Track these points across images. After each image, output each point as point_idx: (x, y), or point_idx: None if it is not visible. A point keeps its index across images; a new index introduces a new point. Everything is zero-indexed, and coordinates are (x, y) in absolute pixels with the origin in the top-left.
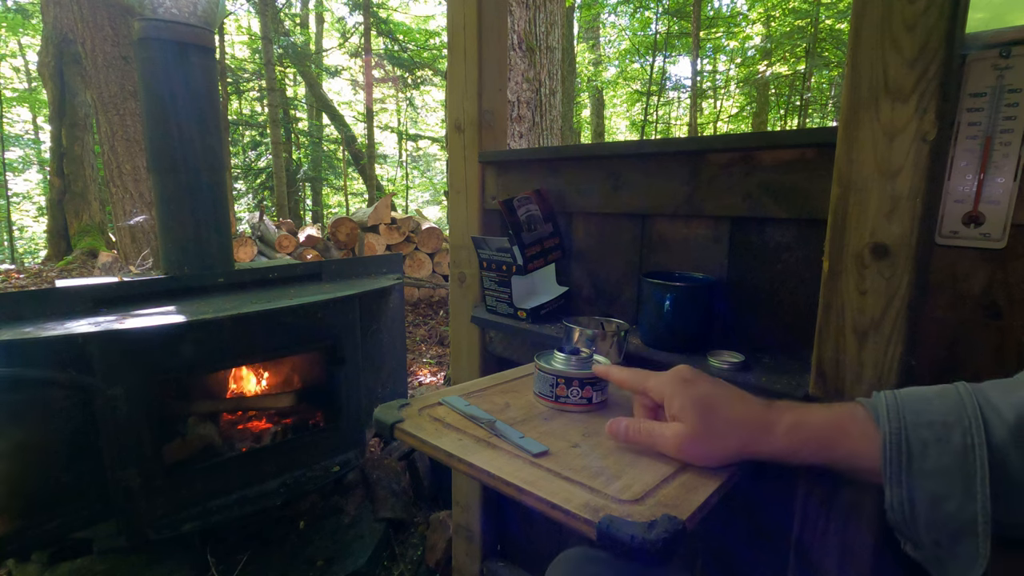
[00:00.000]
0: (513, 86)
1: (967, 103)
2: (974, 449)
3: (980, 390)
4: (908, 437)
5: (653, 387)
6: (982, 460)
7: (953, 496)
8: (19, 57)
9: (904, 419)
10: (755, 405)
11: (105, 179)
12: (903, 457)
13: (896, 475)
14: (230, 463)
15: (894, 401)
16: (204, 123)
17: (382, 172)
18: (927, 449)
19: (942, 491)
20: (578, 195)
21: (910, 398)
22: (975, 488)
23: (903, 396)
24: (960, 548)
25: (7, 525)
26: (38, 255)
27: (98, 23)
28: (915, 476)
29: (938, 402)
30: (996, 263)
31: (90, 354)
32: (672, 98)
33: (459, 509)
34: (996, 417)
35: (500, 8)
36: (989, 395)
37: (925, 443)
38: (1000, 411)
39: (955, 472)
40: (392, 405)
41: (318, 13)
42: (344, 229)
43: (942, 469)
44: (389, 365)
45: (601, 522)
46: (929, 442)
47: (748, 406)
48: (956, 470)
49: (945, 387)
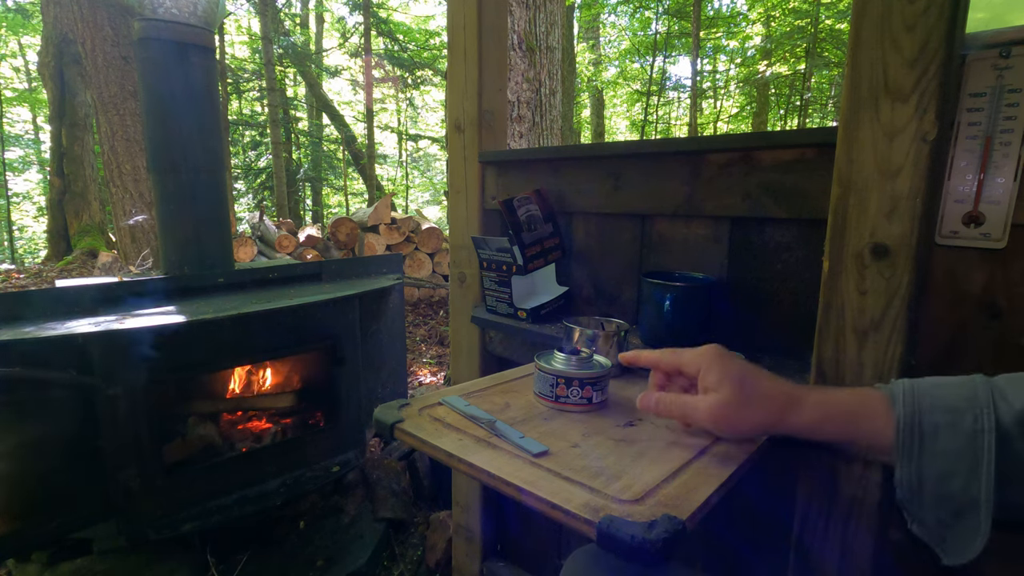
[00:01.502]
0: (513, 86)
1: (967, 103)
2: (983, 434)
3: (995, 381)
4: (922, 420)
5: (688, 360)
6: (990, 444)
7: (959, 474)
8: (19, 57)
9: (919, 404)
10: (784, 383)
11: (105, 179)
12: (915, 438)
13: (908, 454)
14: (230, 463)
15: (911, 388)
16: (204, 123)
17: (382, 172)
18: (938, 432)
19: (949, 470)
20: (578, 195)
21: (927, 385)
22: (981, 469)
23: (920, 384)
24: (962, 525)
25: (7, 525)
26: (38, 255)
27: (98, 23)
28: (926, 455)
29: (953, 390)
30: (996, 263)
31: (90, 354)
32: (672, 98)
33: (459, 509)
34: (1006, 405)
35: (500, 8)
36: (1002, 386)
37: (937, 426)
38: (1010, 400)
39: (963, 454)
40: (392, 405)
41: (318, 13)
42: (344, 229)
43: (952, 451)
44: (389, 365)
45: (601, 522)
46: (941, 425)
47: (778, 383)
48: (965, 452)
49: (962, 378)
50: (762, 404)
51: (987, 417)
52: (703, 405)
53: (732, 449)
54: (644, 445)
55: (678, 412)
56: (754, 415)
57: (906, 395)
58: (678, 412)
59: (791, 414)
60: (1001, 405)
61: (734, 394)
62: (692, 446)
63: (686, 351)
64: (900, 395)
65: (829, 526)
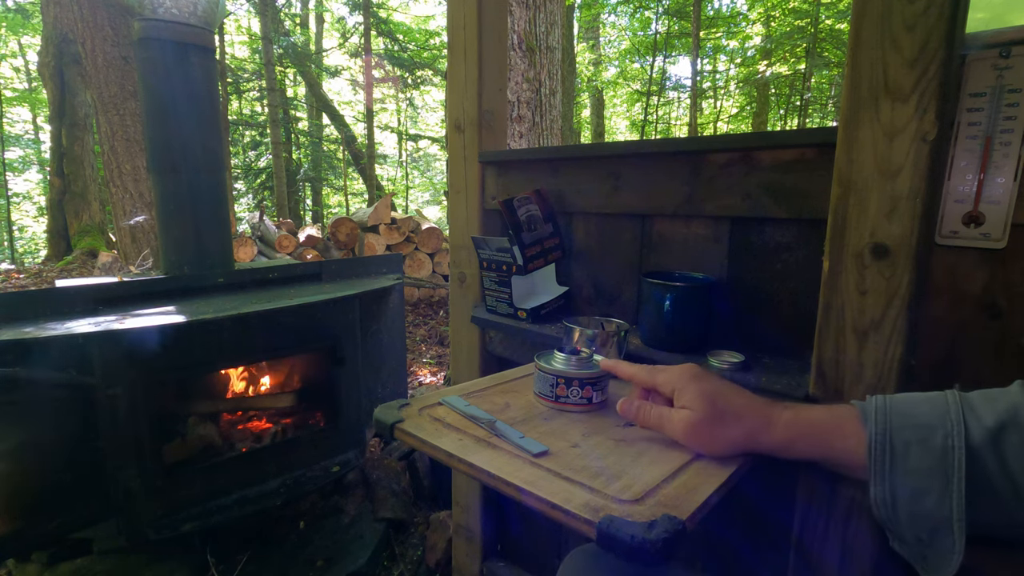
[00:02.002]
0: (513, 86)
1: (967, 103)
2: (953, 451)
3: (967, 398)
4: (892, 438)
5: (663, 381)
6: (960, 462)
7: (932, 492)
8: (19, 57)
9: (890, 421)
10: (758, 401)
11: (105, 179)
12: (887, 456)
13: (880, 473)
14: (230, 463)
15: (883, 404)
16: (204, 123)
17: (382, 172)
18: (909, 449)
19: (922, 488)
20: (578, 195)
21: (899, 402)
22: (952, 487)
23: (893, 401)
24: (938, 543)
25: (7, 525)
26: (38, 255)
27: (98, 23)
28: (897, 474)
29: (925, 407)
30: (996, 263)
31: (90, 354)
32: (672, 98)
33: (459, 509)
34: (976, 423)
35: (500, 8)
36: (974, 403)
37: (908, 444)
38: (981, 418)
39: (934, 472)
40: (392, 405)
41: (318, 13)
42: (344, 229)
43: (922, 469)
44: (389, 365)
45: (601, 522)
46: (912, 443)
47: (752, 401)
48: (935, 470)
49: (935, 394)
50: (734, 423)
51: (957, 434)
52: (677, 419)
53: None
54: (644, 445)
55: (655, 422)
56: (726, 434)
57: (878, 412)
58: (655, 422)
59: (763, 434)
60: (972, 422)
61: (707, 413)
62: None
63: (662, 370)
64: (872, 412)
65: (829, 526)
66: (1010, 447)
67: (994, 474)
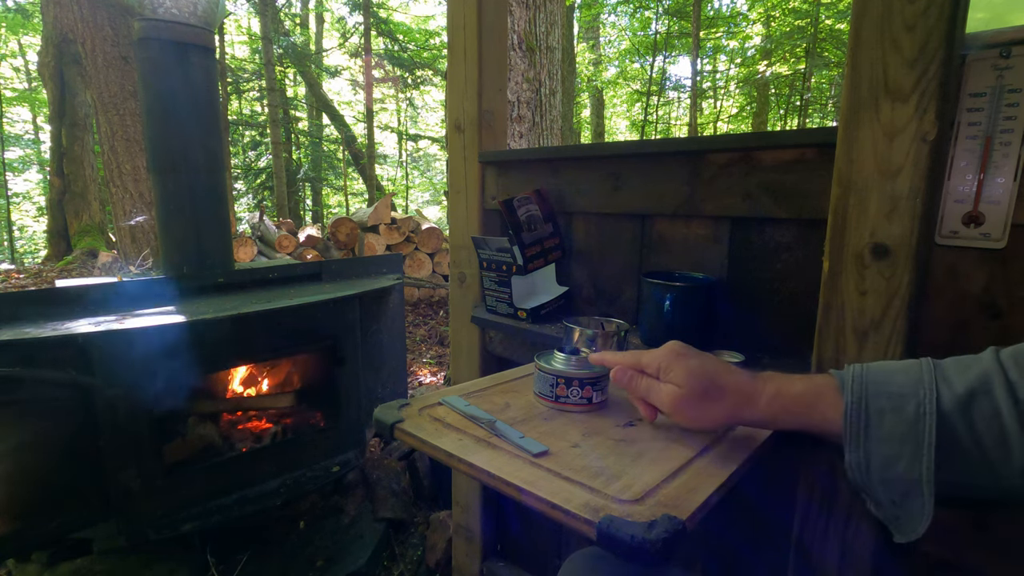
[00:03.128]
0: (513, 86)
1: (967, 103)
2: (924, 418)
3: (940, 365)
4: (868, 406)
5: (648, 362)
6: (930, 428)
7: (903, 458)
8: (19, 57)
9: (866, 390)
10: (742, 376)
11: (105, 179)
12: (861, 423)
13: (855, 439)
14: (230, 463)
15: (860, 373)
16: (204, 123)
17: (382, 172)
18: (883, 417)
19: (894, 454)
20: (578, 195)
21: (874, 371)
22: (922, 452)
23: (869, 370)
24: (908, 504)
25: (7, 525)
26: (38, 255)
27: (98, 23)
28: (871, 441)
29: (900, 376)
30: (996, 263)
31: (90, 354)
32: (672, 98)
33: (459, 509)
34: (948, 390)
35: (500, 8)
36: (947, 371)
37: (882, 412)
38: (952, 385)
39: (906, 438)
40: (392, 405)
41: (318, 13)
42: (344, 229)
43: (895, 435)
44: (389, 365)
45: (601, 522)
46: (885, 411)
47: (736, 376)
48: (907, 436)
49: (910, 362)
50: (720, 399)
51: (929, 402)
52: (665, 392)
53: (732, 449)
54: (644, 445)
55: (643, 391)
56: (711, 409)
57: (855, 381)
58: (643, 391)
59: (746, 409)
60: (943, 389)
61: (692, 389)
62: (692, 446)
63: (645, 352)
64: (849, 382)
65: (829, 526)
66: (979, 414)
67: (963, 439)
